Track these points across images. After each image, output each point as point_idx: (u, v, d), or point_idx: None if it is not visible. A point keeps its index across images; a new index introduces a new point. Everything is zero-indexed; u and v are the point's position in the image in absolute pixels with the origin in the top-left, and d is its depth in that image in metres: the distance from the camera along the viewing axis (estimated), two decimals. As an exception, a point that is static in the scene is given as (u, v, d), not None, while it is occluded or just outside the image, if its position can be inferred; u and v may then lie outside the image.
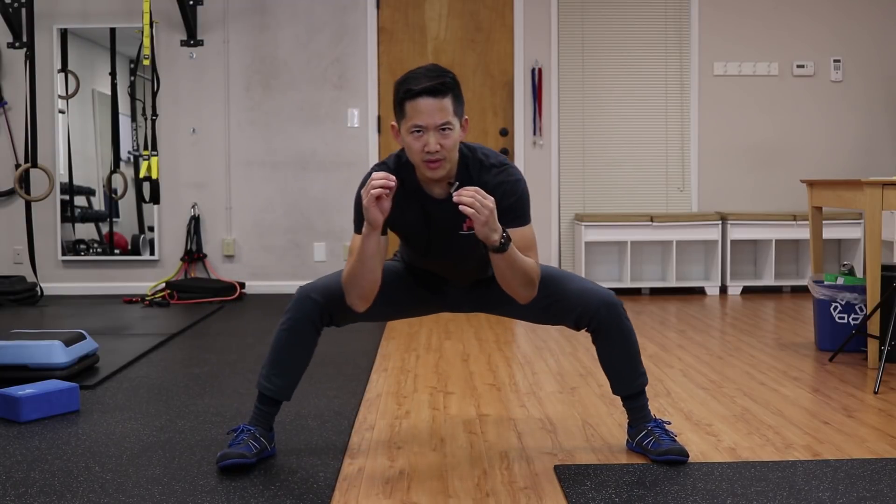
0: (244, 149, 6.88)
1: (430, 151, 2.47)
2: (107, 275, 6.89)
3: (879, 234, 3.94)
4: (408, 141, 2.51)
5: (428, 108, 2.46)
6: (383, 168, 2.63)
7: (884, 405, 3.36)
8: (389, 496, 2.44)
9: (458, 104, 2.53)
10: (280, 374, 2.70)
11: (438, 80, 2.47)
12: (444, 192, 2.60)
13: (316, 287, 2.68)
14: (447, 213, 2.59)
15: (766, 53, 6.97)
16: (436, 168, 2.50)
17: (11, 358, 3.70)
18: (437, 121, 2.47)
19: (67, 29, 6.83)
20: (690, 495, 2.39)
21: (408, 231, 2.67)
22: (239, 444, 2.64)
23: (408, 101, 2.48)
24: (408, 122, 2.49)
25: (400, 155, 2.64)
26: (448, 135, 2.48)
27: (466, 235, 2.62)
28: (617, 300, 2.72)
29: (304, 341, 2.68)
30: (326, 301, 2.65)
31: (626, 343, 2.73)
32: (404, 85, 2.49)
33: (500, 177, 2.60)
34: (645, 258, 6.89)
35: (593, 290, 2.71)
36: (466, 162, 2.60)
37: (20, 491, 2.45)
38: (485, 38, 6.91)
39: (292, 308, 2.68)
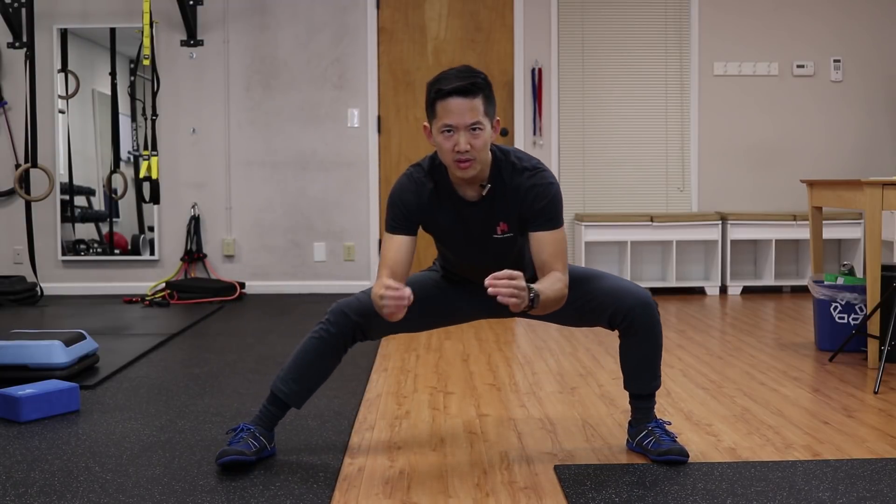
0: (244, 149, 6.88)
1: (460, 151, 2.48)
2: (107, 275, 6.89)
3: (879, 234, 3.95)
4: (439, 141, 2.51)
5: (458, 107, 2.47)
6: (419, 170, 2.64)
7: (884, 405, 3.36)
8: (389, 496, 2.44)
9: (490, 105, 2.53)
10: (297, 381, 2.71)
11: (469, 80, 2.48)
12: (476, 194, 2.60)
13: (352, 305, 2.68)
14: (480, 216, 2.61)
15: (766, 53, 6.97)
16: (466, 168, 2.51)
17: (11, 358, 3.70)
18: (468, 120, 2.47)
19: (67, 29, 6.83)
20: (690, 495, 2.39)
21: (442, 234, 2.68)
22: (238, 442, 2.65)
23: (439, 100, 2.49)
24: (439, 121, 2.50)
25: (434, 157, 2.64)
26: (478, 135, 2.49)
27: (501, 238, 2.63)
28: (653, 300, 2.70)
29: (330, 356, 2.71)
30: (364, 320, 2.67)
31: (654, 345, 2.72)
32: (436, 85, 2.51)
33: (533, 180, 2.59)
34: (645, 258, 6.89)
35: (629, 288, 2.70)
36: (499, 165, 2.60)
37: (20, 491, 2.45)
38: (485, 38, 6.91)
39: (327, 322, 2.69)
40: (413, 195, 2.61)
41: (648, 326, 2.68)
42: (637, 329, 2.68)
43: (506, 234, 2.63)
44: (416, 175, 2.64)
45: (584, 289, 2.68)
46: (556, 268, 2.57)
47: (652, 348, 2.72)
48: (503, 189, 2.60)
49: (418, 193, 2.61)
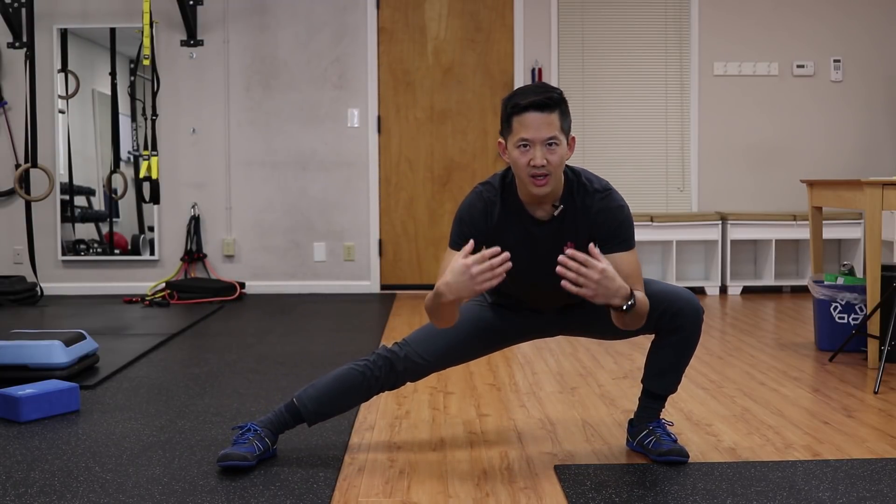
0: (244, 149, 6.88)
1: (537, 165, 2.46)
2: (107, 275, 6.89)
3: (879, 234, 3.95)
4: (514, 156, 2.50)
5: (535, 122, 2.46)
6: (489, 188, 2.61)
7: (884, 405, 3.36)
8: (389, 496, 2.44)
9: (566, 121, 2.53)
10: (322, 404, 2.72)
11: (546, 95, 2.47)
12: (547, 213, 2.59)
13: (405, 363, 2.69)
14: (549, 235, 2.59)
15: (766, 53, 6.97)
16: (542, 185, 2.49)
17: (11, 358, 3.70)
18: (544, 135, 2.47)
19: (67, 29, 6.83)
20: (690, 495, 2.39)
21: (510, 252, 2.59)
22: (244, 443, 2.64)
23: (515, 115, 2.48)
24: (514, 136, 2.49)
25: (505, 175, 2.63)
26: (555, 150, 2.48)
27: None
28: (701, 306, 2.69)
29: (361, 393, 2.72)
30: (409, 377, 2.71)
31: (688, 350, 2.71)
32: (512, 100, 2.50)
33: (604, 202, 2.60)
34: (645, 258, 6.89)
35: (682, 292, 2.68)
36: (571, 186, 2.60)
37: (20, 491, 2.45)
38: (485, 38, 6.91)
39: (374, 365, 2.70)
40: (482, 214, 2.59)
41: (692, 330, 2.67)
42: (681, 330, 2.66)
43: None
44: (487, 194, 2.60)
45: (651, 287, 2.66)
46: (636, 288, 2.53)
47: (686, 352, 2.71)
48: (574, 210, 2.58)
49: (487, 213, 2.59)
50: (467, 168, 6.93)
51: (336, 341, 4.52)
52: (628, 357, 4.32)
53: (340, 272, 6.89)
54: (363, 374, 2.70)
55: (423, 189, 6.92)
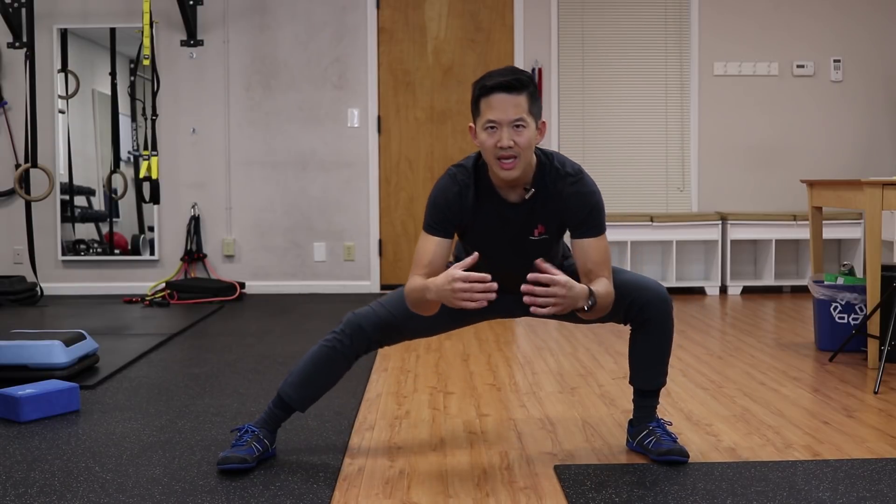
0: (244, 149, 6.88)
1: (503, 147, 2.46)
2: (107, 275, 6.89)
3: (879, 234, 3.94)
4: (482, 138, 2.50)
5: (502, 103, 2.46)
6: (462, 171, 2.62)
7: (884, 405, 3.36)
8: (389, 496, 2.44)
9: (535, 104, 2.52)
10: (305, 387, 2.71)
11: (514, 77, 2.47)
12: (519, 197, 2.59)
13: (370, 319, 2.67)
14: (520, 218, 2.60)
15: (766, 53, 6.97)
16: (509, 167, 2.49)
17: (11, 358, 3.70)
18: (511, 116, 2.46)
19: (67, 29, 6.83)
20: (690, 495, 2.39)
21: (478, 235, 2.64)
22: (242, 445, 2.64)
23: (483, 97, 2.49)
24: (482, 118, 2.50)
25: (477, 157, 2.63)
26: (521, 132, 2.47)
27: (537, 241, 2.63)
28: (668, 295, 2.70)
29: (340, 365, 2.71)
30: (378, 333, 2.67)
31: (665, 340, 2.72)
32: (480, 82, 2.51)
33: (576, 187, 2.59)
34: (645, 258, 6.89)
35: (649, 282, 2.69)
36: (543, 169, 2.59)
37: (20, 491, 2.45)
38: (485, 38, 6.91)
39: (342, 333, 2.68)
40: (456, 196, 2.59)
41: (662, 320, 2.67)
42: (651, 322, 2.67)
43: (542, 236, 2.62)
44: (460, 177, 2.61)
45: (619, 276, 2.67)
46: (603, 274, 2.55)
47: (662, 343, 2.72)
48: (545, 193, 2.59)
49: (461, 195, 2.59)
50: (467, 168, 6.92)
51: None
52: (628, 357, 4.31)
53: (340, 272, 6.89)
54: (334, 347, 2.68)
55: (424, 189, 6.92)
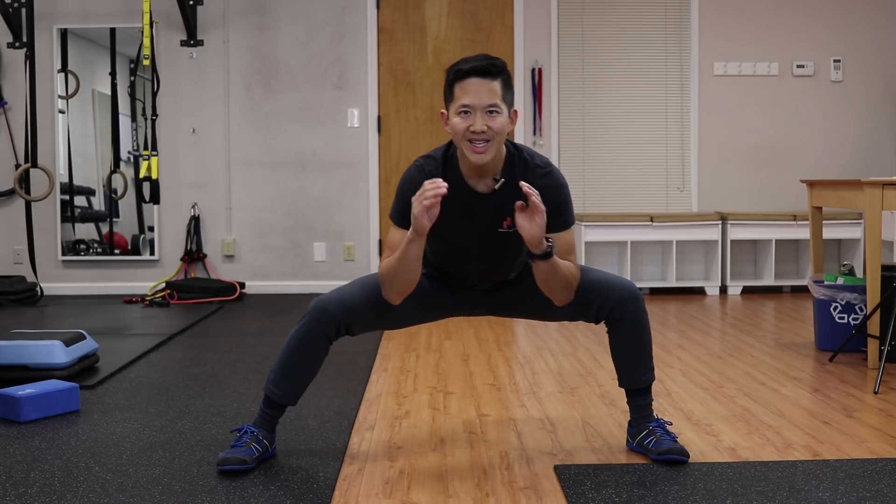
0: (244, 149, 6.88)
1: (476, 131, 2.46)
2: (107, 275, 6.89)
3: (879, 234, 3.94)
4: (454, 122, 2.50)
5: (476, 88, 2.47)
6: (430, 161, 2.62)
7: (884, 405, 3.36)
8: (389, 496, 2.44)
9: (508, 91, 2.52)
10: (288, 381, 2.69)
11: (488, 62, 2.48)
12: (488, 187, 2.59)
13: (334, 300, 2.64)
14: (489, 209, 2.60)
15: (766, 53, 6.97)
16: (481, 150, 2.48)
17: (11, 358, 3.70)
18: (485, 101, 2.46)
19: (67, 29, 6.83)
20: (690, 495, 2.39)
21: (446, 227, 2.62)
22: (242, 446, 2.64)
23: (457, 81, 2.49)
24: (456, 102, 2.49)
25: (447, 148, 2.63)
26: (495, 118, 2.48)
27: (505, 233, 2.63)
28: (639, 291, 2.71)
29: (315, 352, 2.67)
30: (344, 315, 2.63)
31: (643, 336, 2.72)
32: (454, 67, 2.51)
33: (546, 179, 2.60)
34: (645, 258, 6.89)
35: (615, 280, 2.70)
36: (513, 160, 2.60)
37: (20, 491, 2.45)
38: (485, 38, 6.91)
39: (308, 319, 2.64)
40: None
41: (636, 317, 2.68)
42: (625, 320, 2.68)
43: (510, 228, 2.62)
44: (428, 167, 2.60)
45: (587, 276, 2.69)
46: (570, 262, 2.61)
47: (641, 340, 2.72)
48: (515, 184, 2.58)
49: None
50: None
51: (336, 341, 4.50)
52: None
53: (340, 272, 6.89)
54: (304, 335, 2.64)
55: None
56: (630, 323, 2.69)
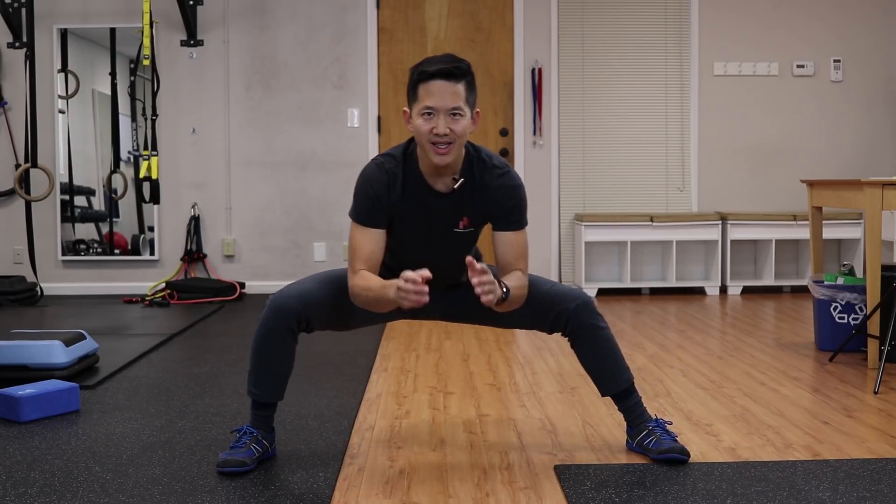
0: (244, 149, 6.88)
1: (439, 134, 2.47)
2: (107, 275, 6.89)
3: (879, 234, 3.94)
4: (417, 123, 2.51)
5: (440, 90, 2.47)
6: (390, 160, 2.61)
7: (884, 405, 3.36)
8: (389, 496, 2.44)
9: (471, 93, 2.52)
10: (264, 380, 2.67)
11: (453, 65, 2.48)
12: (447, 186, 2.59)
13: (292, 294, 2.61)
14: (447, 208, 2.60)
15: (766, 53, 6.97)
16: (443, 153, 2.49)
17: (11, 358, 3.70)
18: (449, 104, 2.47)
19: (67, 29, 6.83)
20: (690, 495, 2.39)
21: (404, 226, 2.63)
22: (241, 447, 2.64)
23: (421, 83, 2.50)
24: (420, 104, 2.50)
25: (407, 146, 2.63)
26: (458, 120, 2.48)
27: (462, 233, 2.63)
28: (589, 298, 2.73)
29: (281, 347, 2.63)
30: (305, 308, 2.59)
31: (606, 341, 2.74)
32: (419, 68, 2.51)
33: (502, 179, 2.61)
34: (645, 258, 6.89)
35: (566, 291, 2.72)
36: (471, 160, 2.61)
37: (20, 491, 2.45)
38: (485, 38, 6.91)
39: (265, 318, 2.61)
40: (384, 186, 2.57)
41: (592, 325, 2.71)
42: (583, 330, 2.70)
43: (467, 228, 2.63)
44: (388, 165, 2.59)
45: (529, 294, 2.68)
46: (520, 267, 2.61)
47: (607, 345, 2.74)
48: (472, 184, 2.60)
49: (389, 185, 2.57)
50: (467, 168, 6.92)
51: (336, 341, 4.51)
52: (628, 357, 4.31)
53: (340, 272, 6.88)
54: (267, 333, 2.61)
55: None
56: (588, 331, 2.71)
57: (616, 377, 2.76)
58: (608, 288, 6.73)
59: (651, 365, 4.12)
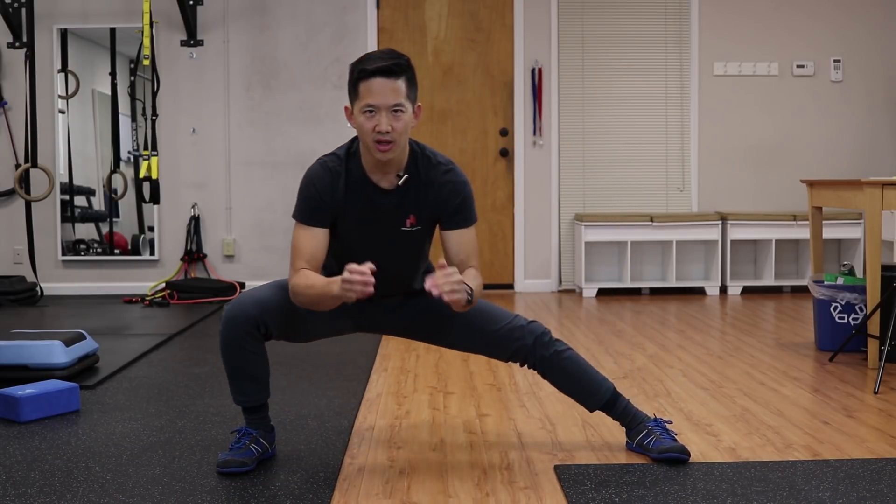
0: (244, 149, 6.88)
1: (381, 131, 2.47)
2: (107, 275, 6.89)
3: (879, 234, 3.95)
4: (360, 121, 2.50)
5: (381, 88, 2.47)
6: (333, 159, 2.60)
7: (884, 405, 3.36)
8: (389, 496, 2.44)
9: (412, 88, 2.53)
10: (243, 387, 2.66)
11: (393, 61, 2.48)
12: (391, 183, 2.59)
13: (245, 300, 2.58)
14: (392, 206, 2.59)
15: (766, 53, 6.97)
16: (386, 150, 2.49)
17: (11, 358, 3.70)
18: (390, 101, 2.47)
19: (67, 29, 6.83)
20: (690, 495, 2.39)
21: (349, 225, 2.61)
22: (241, 448, 2.64)
23: (362, 80, 2.48)
24: (361, 101, 2.49)
25: (350, 145, 2.63)
26: (400, 117, 2.49)
27: (409, 231, 2.62)
28: (543, 328, 2.73)
29: (248, 351, 2.61)
30: (261, 313, 2.56)
31: (573, 363, 2.75)
32: (359, 65, 2.50)
33: (448, 176, 2.61)
34: (645, 258, 6.89)
35: (521, 326, 2.71)
36: (415, 157, 2.61)
37: (20, 491, 2.45)
38: (485, 38, 6.91)
39: (224, 328, 2.58)
40: (328, 185, 2.56)
41: (553, 352, 2.71)
42: (546, 361, 2.71)
43: (414, 227, 2.62)
44: (332, 164, 2.59)
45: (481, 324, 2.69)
46: (473, 264, 2.60)
47: (576, 367, 2.75)
48: (417, 181, 2.59)
49: (333, 183, 2.57)
50: (467, 168, 6.92)
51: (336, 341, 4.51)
52: (628, 357, 4.32)
53: (340, 272, 6.88)
54: (228, 343, 2.59)
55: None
56: (553, 360, 2.72)
57: (595, 392, 2.78)
58: (608, 288, 6.73)
59: (651, 365, 4.12)
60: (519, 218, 6.92)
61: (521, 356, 2.72)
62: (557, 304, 6.27)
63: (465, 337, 2.70)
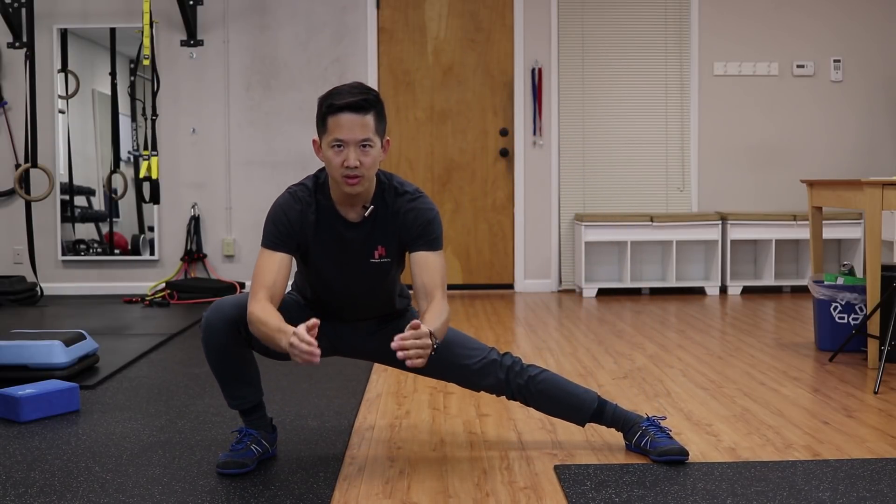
0: (244, 149, 6.88)
1: (350, 166, 2.47)
2: (107, 275, 6.89)
3: (879, 234, 3.95)
4: (328, 156, 2.50)
5: (349, 123, 2.46)
6: (302, 189, 2.60)
7: (884, 405, 3.36)
8: (389, 496, 2.44)
9: (381, 123, 2.53)
10: (234, 389, 2.68)
11: (362, 97, 2.48)
12: (358, 215, 2.59)
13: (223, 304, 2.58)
14: (360, 237, 2.60)
15: (766, 53, 6.97)
16: (354, 184, 2.49)
17: (11, 358, 3.70)
18: (358, 136, 2.47)
19: (67, 29, 6.83)
20: (690, 495, 2.39)
21: (318, 257, 2.61)
22: (241, 448, 2.64)
23: (330, 115, 2.48)
24: (329, 136, 2.49)
25: (318, 175, 2.63)
26: (368, 152, 2.49)
27: (377, 263, 2.62)
28: (513, 358, 2.75)
29: (235, 355, 2.62)
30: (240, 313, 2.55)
31: (551, 384, 2.76)
32: (328, 100, 2.50)
33: (414, 203, 2.61)
34: (645, 258, 6.89)
35: (494, 360, 2.72)
36: (383, 188, 2.61)
37: (20, 491, 2.45)
38: (485, 38, 6.91)
39: (204, 335, 2.59)
40: (298, 214, 2.57)
41: (528, 377, 2.73)
42: (523, 388, 2.73)
43: (383, 258, 2.62)
44: (301, 194, 2.59)
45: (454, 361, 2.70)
46: (437, 294, 2.54)
47: (552, 387, 2.77)
48: (385, 212, 2.60)
49: (303, 213, 2.57)
50: (467, 168, 6.93)
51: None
52: (628, 357, 4.32)
53: (340, 272, 6.88)
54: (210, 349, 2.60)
55: (423, 189, 6.90)
56: (531, 386, 2.74)
57: (580, 407, 2.79)
58: (608, 288, 6.73)
59: (651, 365, 4.12)
60: (519, 218, 6.93)
61: (497, 389, 2.75)
62: (557, 304, 6.27)
63: (438, 370, 2.71)
